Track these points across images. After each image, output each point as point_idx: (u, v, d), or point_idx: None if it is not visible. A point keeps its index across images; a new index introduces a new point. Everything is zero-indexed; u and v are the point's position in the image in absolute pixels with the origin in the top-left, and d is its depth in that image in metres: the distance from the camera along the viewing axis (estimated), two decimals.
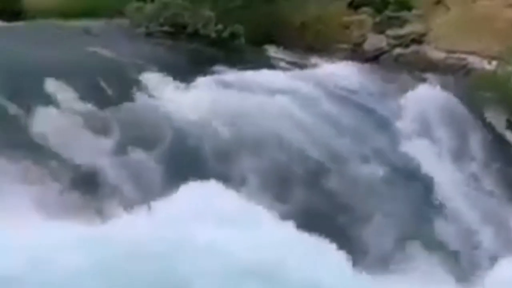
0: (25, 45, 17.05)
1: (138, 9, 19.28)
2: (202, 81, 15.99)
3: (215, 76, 16.33)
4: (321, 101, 16.12)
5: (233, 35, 18.30)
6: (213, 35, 18.22)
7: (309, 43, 18.83)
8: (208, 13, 18.33)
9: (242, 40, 18.39)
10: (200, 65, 16.89)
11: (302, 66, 17.92)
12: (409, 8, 19.61)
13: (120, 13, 20.19)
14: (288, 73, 17.20)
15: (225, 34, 18.23)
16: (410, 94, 17.13)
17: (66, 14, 23.14)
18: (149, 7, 19.06)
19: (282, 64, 18.01)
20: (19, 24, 21.99)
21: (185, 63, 16.99)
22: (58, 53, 16.20)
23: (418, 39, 19.04)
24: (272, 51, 18.68)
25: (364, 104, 16.77)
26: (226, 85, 15.84)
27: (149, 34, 18.67)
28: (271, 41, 18.92)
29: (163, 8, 18.67)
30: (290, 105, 15.34)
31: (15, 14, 22.70)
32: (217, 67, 16.77)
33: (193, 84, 15.87)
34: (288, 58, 18.34)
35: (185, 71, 16.30)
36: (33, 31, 20.00)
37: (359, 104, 16.73)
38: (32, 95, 14.00)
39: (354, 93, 17.06)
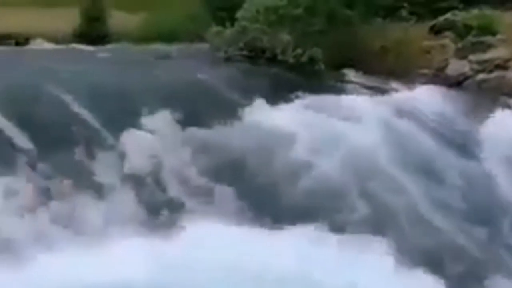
0: (113, 69, 17.24)
1: (218, 33, 19.26)
2: (283, 106, 15.77)
3: (296, 101, 16.09)
4: (402, 127, 15.74)
5: (312, 60, 18.07)
6: (292, 60, 18.03)
7: (389, 67, 18.42)
8: (286, 37, 18.16)
9: (321, 64, 18.14)
10: (279, 90, 16.70)
11: (382, 91, 17.53)
12: (493, 33, 19.03)
13: (200, 38, 20.26)
14: (369, 98, 16.84)
15: (304, 58, 18.01)
16: (493, 120, 16.60)
17: (148, 38, 23.45)
18: (228, 32, 19.00)
19: (362, 89, 17.67)
20: (106, 47, 22.40)
21: (264, 87, 16.81)
22: (145, 77, 16.26)
23: (502, 65, 18.46)
24: (351, 75, 18.35)
25: (445, 130, 16.32)
26: (308, 110, 15.57)
27: (228, 59, 18.61)
28: (350, 65, 18.60)
29: (242, 33, 18.60)
30: (373, 130, 14.98)
31: (100, 37, 23.17)
32: (296, 92, 16.53)
33: (277, 106, 15.72)
34: (368, 83, 17.98)
35: (265, 96, 16.12)
36: (118, 54, 20.28)
37: (440, 130, 16.28)
38: (126, 120, 14.00)
39: (436, 119, 16.62)
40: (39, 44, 23.06)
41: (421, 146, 15.38)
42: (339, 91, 17.12)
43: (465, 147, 16.05)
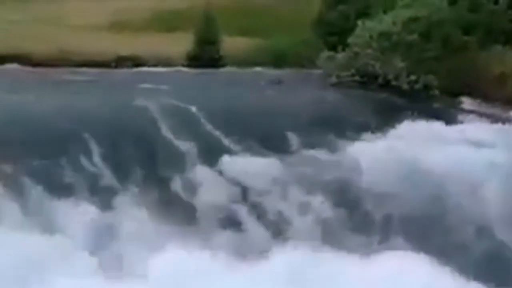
0: (228, 92, 17.08)
1: (329, 58, 18.86)
2: (394, 133, 15.14)
3: (409, 127, 15.41)
4: None
5: (426, 87, 17.41)
6: (405, 86, 17.40)
7: (509, 95, 17.48)
8: (399, 64, 17.58)
9: (436, 91, 17.44)
10: (391, 116, 16.06)
11: (502, 120, 16.58)
12: None
13: (311, 62, 19.90)
14: (488, 126, 15.97)
15: (418, 85, 17.37)
16: None
17: (259, 63, 23.30)
18: (340, 56, 18.54)
19: (480, 117, 16.79)
20: (218, 70, 22.38)
21: (376, 112, 16.21)
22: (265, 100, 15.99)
23: None
24: (468, 103, 17.50)
25: None
26: (423, 136, 14.87)
27: (339, 83, 18.15)
28: (467, 93, 17.77)
29: (354, 58, 18.14)
30: (496, 158, 14.12)
31: (212, 61, 23.20)
32: (410, 118, 15.84)
33: (388, 133, 15.10)
34: (486, 111, 17.09)
35: (377, 121, 15.53)
36: (230, 78, 20.16)
37: None
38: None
39: None
40: (153, 67, 23.25)
41: None
42: (455, 118, 16.30)
43: None
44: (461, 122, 16.16)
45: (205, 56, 23.61)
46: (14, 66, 23.03)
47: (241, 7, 30.84)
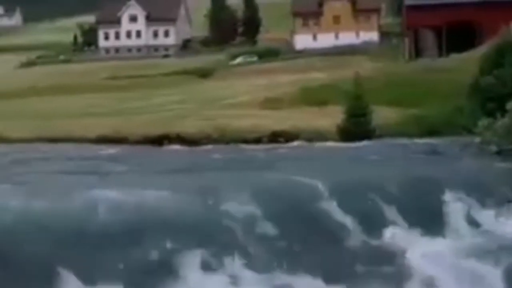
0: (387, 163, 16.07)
1: (488, 125, 17.44)
2: None
3: None
4: None
5: None
6: None
7: None
8: None
9: None
10: None
11: None
12: None
13: (468, 131, 18.62)
14: None
15: None
16: None
17: (412, 133, 22.22)
18: (500, 123, 17.10)
19: None
20: (371, 142, 21.47)
21: None
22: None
23: None
24: None
25: None
26: None
27: (498, 152, 16.70)
28: None
29: None
30: None
31: (363, 133, 22.36)
32: None
33: None
34: None
35: None
36: (386, 149, 19.18)
37: None
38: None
39: None
40: (306, 141, 22.66)
41: None
42: None
43: None
44: None
45: (356, 128, 22.82)
46: (175, 147, 23.06)
47: (390, 77, 30.12)
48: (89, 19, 63.26)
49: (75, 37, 59.38)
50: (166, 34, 57.62)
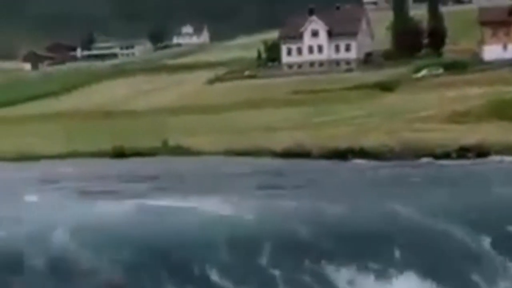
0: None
1: None
2: None
3: None
4: None
5: None
6: None
7: None
8: None
9: None
10: None
11: None
12: None
13: None
14: None
15: None
16: None
17: None
18: None
19: None
20: None
21: None
22: None
23: None
24: None
25: None
26: None
27: None
28: None
29: None
30: None
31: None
32: None
33: None
34: None
35: None
36: None
37: None
38: None
39: None
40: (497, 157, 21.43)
41: None
42: None
43: None
44: None
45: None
46: (360, 161, 22.61)
47: None
48: (267, 36, 64.35)
49: (259, 53, 60.37)
50: (348, 48, 57.27)
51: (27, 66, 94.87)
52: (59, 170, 22.17)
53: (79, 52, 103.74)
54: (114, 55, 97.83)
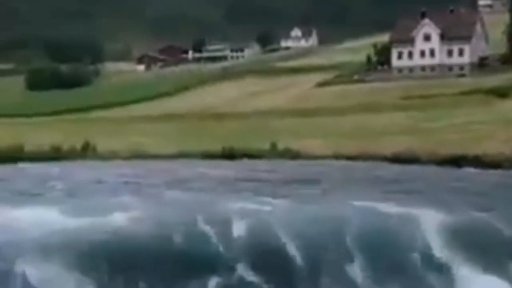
0: None
1: None
2: None
3: None
4: None
5: None
6: None
7: None
8: None
9: None
10: None
11: None
12: None
13: None
14: None
15: None
16: None
17: None
18: None
19: None
20: None
21: None
22: None
23: None
24: None
25: None
26: None
27: None
28: None
29: None
30: None
31: None
32: None
33: None
34: None
35: None
36: None
37: None
38: None
39: None
40: None
41: None
42: None
43: None
44: None
45: None
46: (471, 170, 21.86)
47: None
48: (375, 40, 63.60)
49: (368, 57, 59.74)
50: (461, 52, 55.87)
51: (141, 67, 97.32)
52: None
53: (190, 55, 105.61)
54: (224, 58, 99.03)
